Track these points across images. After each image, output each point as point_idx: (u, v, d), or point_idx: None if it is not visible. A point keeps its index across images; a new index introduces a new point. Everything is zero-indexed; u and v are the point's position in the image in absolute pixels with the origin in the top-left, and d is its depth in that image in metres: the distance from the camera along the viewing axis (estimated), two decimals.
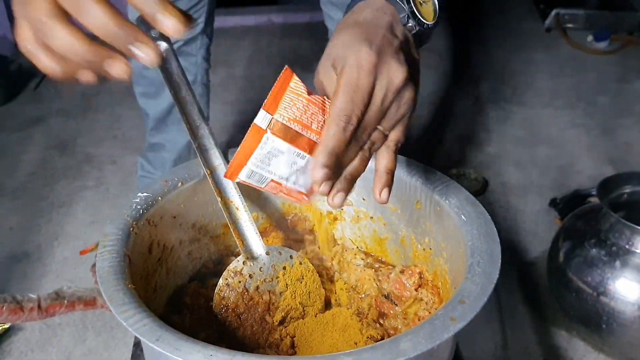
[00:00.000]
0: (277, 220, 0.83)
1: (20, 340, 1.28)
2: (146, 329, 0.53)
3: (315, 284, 0.73)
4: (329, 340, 0.67)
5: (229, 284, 0.70)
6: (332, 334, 0.68)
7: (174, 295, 0.75)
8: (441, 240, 0.71)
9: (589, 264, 1.16)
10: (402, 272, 0.75)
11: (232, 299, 0.70)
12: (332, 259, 0.80)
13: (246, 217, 0.72)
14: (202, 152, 0.74)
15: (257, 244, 0.71)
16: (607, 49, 2.49)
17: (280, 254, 0.73)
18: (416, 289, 0.74)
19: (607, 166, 1.82)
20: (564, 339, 1.28)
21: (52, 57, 0.46)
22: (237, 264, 0.70)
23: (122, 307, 0.55)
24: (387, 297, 0.75)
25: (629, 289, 1.11)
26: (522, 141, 1.97)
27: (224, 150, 0.76)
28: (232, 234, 0.71)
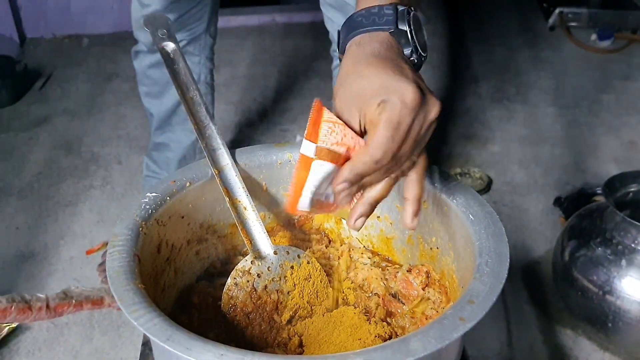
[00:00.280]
0: (284, 219, 0.84)
1: (27, 339, 1.29)
2: (157, 329, 0.53)
3: (322, 283, 0.74)
4: (336, 339, 0.67)
5: (237, 283, 0.70)
6: (339, 332, 0.68)
7: (182, 294, 0.76)
8: (448, 239, 0.71)
9: (595, 263, 1.16)
10: (409, 271, 0.76)
11: (241, 298, 0.70)
12: (339, 258, 0.81)
13: (254, 217, 0.72)
14: (210, 152, 0.74)
15: (265, 243, 0.72)
16: (611, 48, 2.49)
17: (288, 253, 0.73)
18: (423, 288, 0.74)
19: (612, 165, 1.82)
20: (570, 338, 1.28)
21: None
22: (245, 264, 0.71)
23: (133, 306, 0.55)
24: (395, 296, 0.75)
25: (635, 287, 1.12)
26: (527, 140, 1.97)
27: (231, 149, 0.76)
28: (240, 233, 0.71)
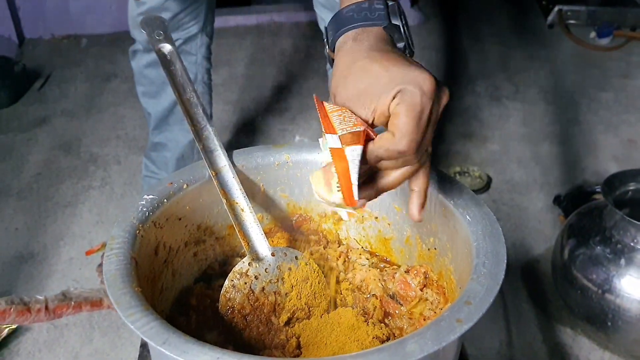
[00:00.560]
0: (282, 221, 0.83)
1: (28, 340, 1.29)
2: (153, 332, 0.53)
3: (320, 285, 0.74)
4: (334, 340, 0.67)
5: (235, 285, 0.70)
6: (337, 334, 0.68)
7: (180, 296, 0.75)
8: (446, 240, 0.71)
9: (594, 262, 1.16)
10: (407, 272, 0.76)
11: (238, 300, 0.70)
12: (337, 259, 0.80)
13: (251, 218, 0.72)
14: (207, 153, 0.74)
15: (262, 245, 0.72)
16: (610, 45, 2.49)
17: (285, 254, 0.73)
18: (421, 289, 0.74)
19: (611, 163, 1.82)
20: (569, 337, 1.28)
21: None
22: (242, 265, 0.71)
23: (129, 310, 0.55)
24: (393, 297, 0.75)
25: (634, 286, 1.11)
26: (526, 138, 1.97)
27: (228, 151, 0.76)
28: (238, 235, 0.71)
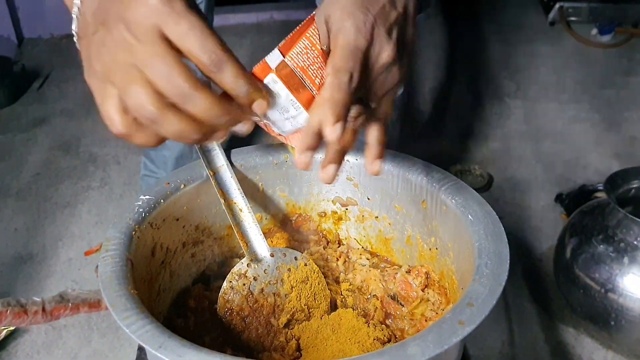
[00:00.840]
0: (281, 221, 0.83)
1: (26, 342, 1.28)
2: (149, 336, 0.52)
3: (320, 286, 0.73)
4: (334, 342, 0.66)
5: (234, 286, 0.69)
6: (338, 335, 0.67)
7: (178, 298, 0.75)
8: (448, 240, 0.70)
9: (597, 261, 1.15)
10: (408, 272, 0.75)
11: (237, 301, 0.69)
12: (337, 260, 0.80)
13: (250, 219, 0.71)
14: (205, 153, 0.73)
15: (261, 245, 0.71)
16: (612, 42, 2.47)
17: (284, 255, 0.72)
18: (423, 289, 0.73)
19: (613, 161, 1.80)
20: (572, 336, 1.27)
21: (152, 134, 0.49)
22: (241, 266, 0.70)
23: (124, 313, 0.54)
24: (393, 297, 0.74)
25: (637, 285, 1.10)
26: (527, 136, 1.95)
27: (226, 150, 0.75)
28: (236, 235, 0.70)
